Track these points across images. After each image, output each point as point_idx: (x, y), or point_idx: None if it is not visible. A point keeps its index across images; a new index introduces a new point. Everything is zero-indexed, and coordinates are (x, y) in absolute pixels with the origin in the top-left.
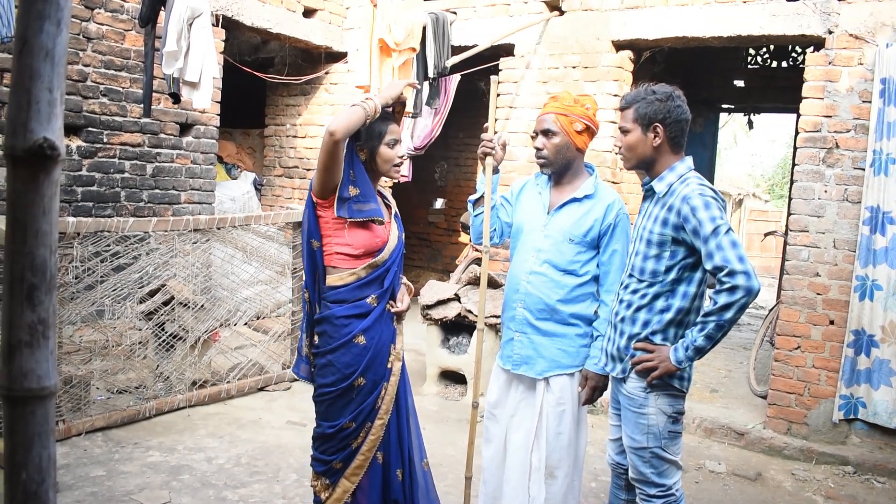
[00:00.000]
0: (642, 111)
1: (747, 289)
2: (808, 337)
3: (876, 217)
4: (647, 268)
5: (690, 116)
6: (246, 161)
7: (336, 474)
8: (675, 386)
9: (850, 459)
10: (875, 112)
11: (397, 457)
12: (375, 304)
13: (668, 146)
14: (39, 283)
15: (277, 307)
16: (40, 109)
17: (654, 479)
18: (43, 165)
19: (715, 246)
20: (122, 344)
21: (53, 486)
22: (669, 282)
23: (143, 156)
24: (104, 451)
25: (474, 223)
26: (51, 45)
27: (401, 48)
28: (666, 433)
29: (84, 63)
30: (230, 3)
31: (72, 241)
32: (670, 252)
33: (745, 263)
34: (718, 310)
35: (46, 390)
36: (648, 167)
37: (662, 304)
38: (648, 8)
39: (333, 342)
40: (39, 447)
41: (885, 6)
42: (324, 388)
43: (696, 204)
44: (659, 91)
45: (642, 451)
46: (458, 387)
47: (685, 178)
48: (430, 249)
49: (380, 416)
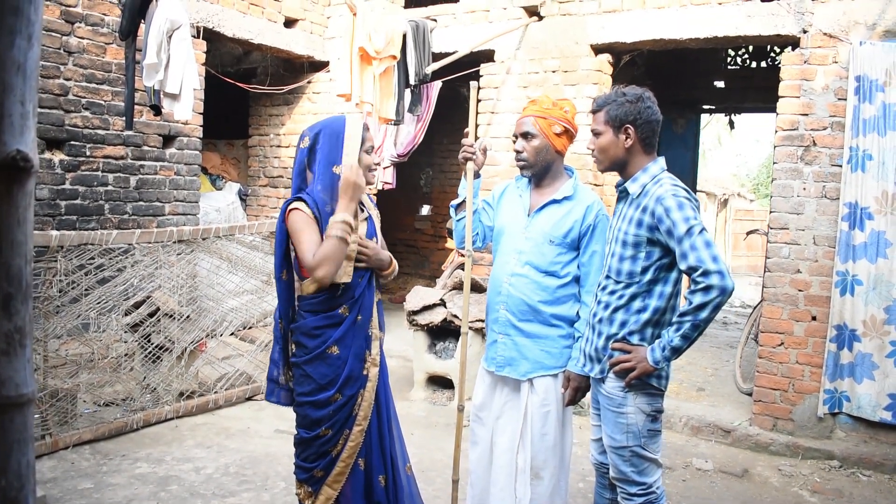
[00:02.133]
0: (613, 113)
1: (721, 288)
2: (791, 333)
3: (854, 213)
4: (623, 269)
5: (661, 117)
6: (230, 172)
7: (318, 482)
8: (654, 385)
9: (835, 454)
10: (851, 109)
11: (379, 462)
12: (347, 314)
13: (640, 147)
14: (15, 292)
15: (264, 317)
16: (13, 122)
17: (635, 477)
18: (17, 177)
19: (689, 246)
20: (108, 356)
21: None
22: (646, 282)
23: (127, 168)
24: (92, 464)
25: (457, 228)
26: (22, 59)
27: (381, 56)
28: (645, 432)
29: (65, 77)
30: (211, 15)
31: (56, 254)
32: (646, 253)
33: (718, 263)
34: (694, 309)
35: (24, 397)
36: (621, 169)
37: (639, 305)
38: (626, 11)
39: (308, 353)
40: (19, 454)
41: (857, 5)
42: (301, 398)
43: (669, 205)
44: (629, 93)
45: (622, 451)
46: (446, 392)
47: (658, 178)
48: (417, 256)
49: (358, 422)
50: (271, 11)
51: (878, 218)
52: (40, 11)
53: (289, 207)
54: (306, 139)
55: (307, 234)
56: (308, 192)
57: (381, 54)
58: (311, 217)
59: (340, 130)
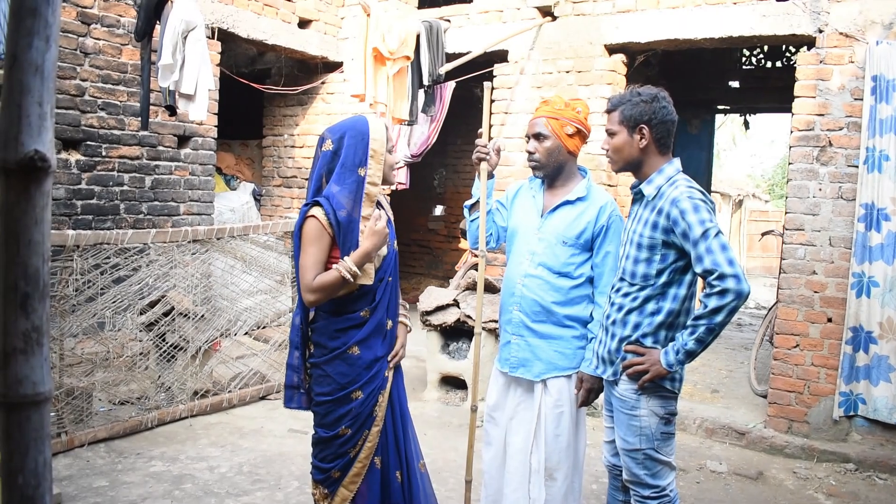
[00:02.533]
0: (628, 113)
1: (737, 292)
2: (806, 335)
3: (871, 214)
4: (637, 271)
5: (676, 118)
6: (245, 172)
7: (334, 484)
8: (667, 387)
9: (851, 457)
10: (867, 109)
11: (395, 459)
12: (368, 317)
13: (654, 147)
14: (33, 291)
15: (278, 316)
16: (31, 123)
17: (648, 480)
18: (34, 177)
19: (705, 249)
20: (123, 355)
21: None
22: (660, 285)
23: (142, 168)
24: (107, 462)
25: (470, 228)
26: (40, 60)
27: (395, 56)
28: (658, 434)
29: (82, 78)
30: (225, 16)
31: (72, 253)
32: (661, 255)
33: (734, 266)
34: (709, 313)
35: (41, 396)
36: (636, 169)
37: (653, 307)
38: (640, 11)
39: (328, 353)
40: (35, 452)
41: (873, 4)
42: (320, 397)
43: (685, 207)
44: (644, 93)
45: (635, 453)
46: (459, 392)
47: (674, 180)
48: (430, 257)
49: (376, 422)
50: (285, 12)
51: (895, 219)
52: (58, 13)
53: (307, 213)
54: (328, 142)
55: (313, 249)
56: (326, 196)
57: (395, 55)
58: (326, 227)
59: (366, 132)
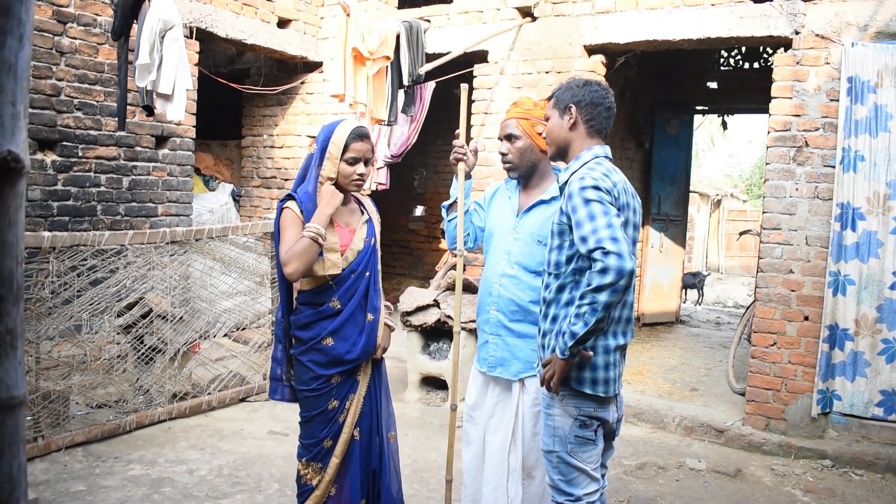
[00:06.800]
0: (559, 96)
1: (619, 269)
2: (783, 333)
3: (846, 213)
4: (552, 259)
5: (613, 105)
6: (223, 172)
7: (327, 454)
8: (583, 389)
9: (828, 453)
10: (843, 110)
11: (371, 426)
12: (341, 307)
13: (583, 130)
14: (6, 294)
15: (257, 318)
16: (4, 123)
17: (563, 486)
18: (7, 178)
19: (590, 230)
20: (100, 358)
21: (25, 494)
22: (570, 272)
23: (119, 169)
24: (84, 466)
25: (448, 228)
26: (13, 59)
27: (375, 56)
28: (572, 437)
29: (58, 77)
30: (204, 15)
31: (48, 255)
32: (569, 241)
33: (618, 244)
34: (591, 291)
35: (16, 399)
36: (564, 155)
37: (567, 297)
38: (619, 12)
39: (303, 345)
40: (10, 456)
41: (849, 6)
42: (301, 386)
43: (573, 189)
44: (579, 80)
45: (550, 455)
46: (440, 392)
47: (586, 164)
48: (411, 257)
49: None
50: (264, 12)
51: (870, 218)
52: (31, 11)
53: (283, 206)
54: (313, 143)
55: (289, 232)
56: (297, 191)
57: (375, 55)
58: (298, 214)
59: (329, 135)
